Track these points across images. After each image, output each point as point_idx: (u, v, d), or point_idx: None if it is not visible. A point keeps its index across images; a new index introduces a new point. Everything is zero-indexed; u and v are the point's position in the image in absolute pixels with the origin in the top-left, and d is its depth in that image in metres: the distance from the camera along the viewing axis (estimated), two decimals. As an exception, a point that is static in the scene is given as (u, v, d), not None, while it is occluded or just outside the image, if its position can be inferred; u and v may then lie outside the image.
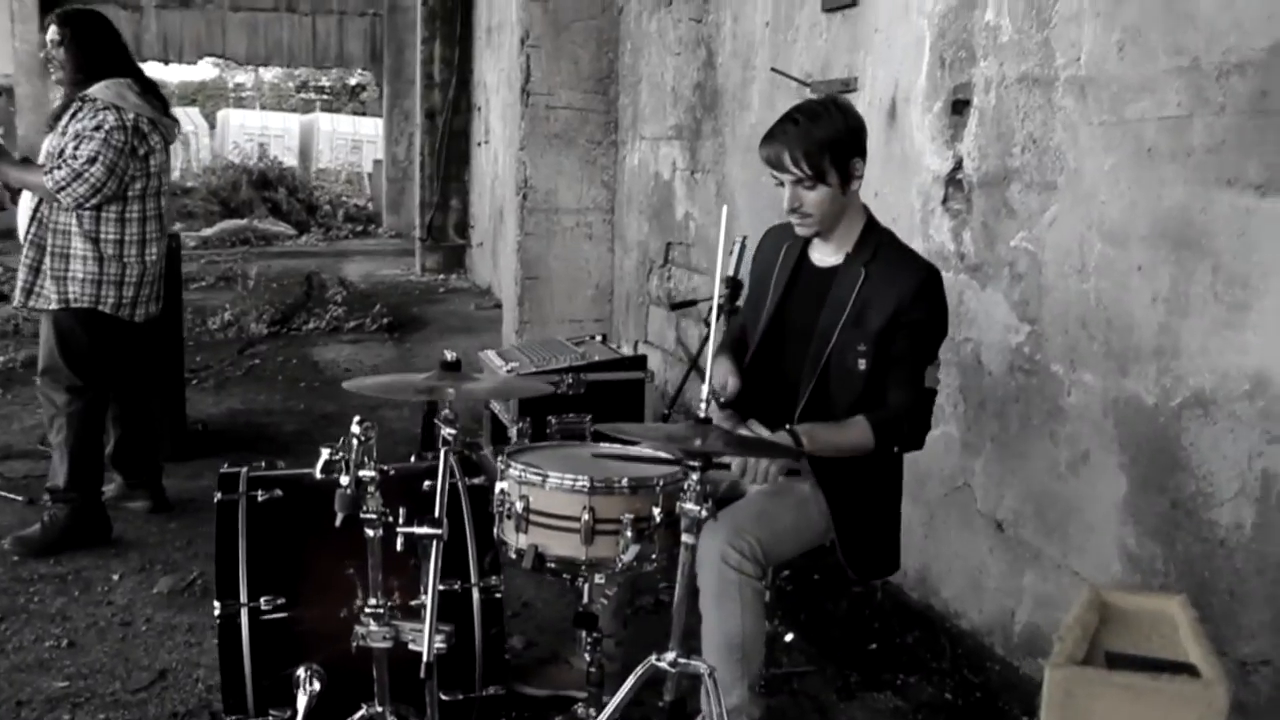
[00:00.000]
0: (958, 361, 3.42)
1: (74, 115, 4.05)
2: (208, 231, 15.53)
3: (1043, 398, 3.06)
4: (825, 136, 2.46)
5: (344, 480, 2.19)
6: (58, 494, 4.15)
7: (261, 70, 33.04)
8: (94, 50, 4.12)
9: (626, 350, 4.99)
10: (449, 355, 2.38)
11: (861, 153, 2.53)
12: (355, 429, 2.20)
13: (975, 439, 3.37)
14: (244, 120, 27.09)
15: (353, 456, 2.18)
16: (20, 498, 4.65)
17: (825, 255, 2.65)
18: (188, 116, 24.79)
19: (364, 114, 28.02)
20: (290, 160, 22.22)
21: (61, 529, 4.13)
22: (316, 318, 8.93)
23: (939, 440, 3.34)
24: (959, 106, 3.45)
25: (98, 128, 3.98)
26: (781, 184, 2.53)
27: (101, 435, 4.31)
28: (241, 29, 19.10)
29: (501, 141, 10.21)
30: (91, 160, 3.95)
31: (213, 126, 27.75)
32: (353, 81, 31.87)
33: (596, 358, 4.29)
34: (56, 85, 4.27)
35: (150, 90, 4.21)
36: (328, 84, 33.65)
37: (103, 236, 4.06)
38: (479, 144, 11.87)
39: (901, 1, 3.75)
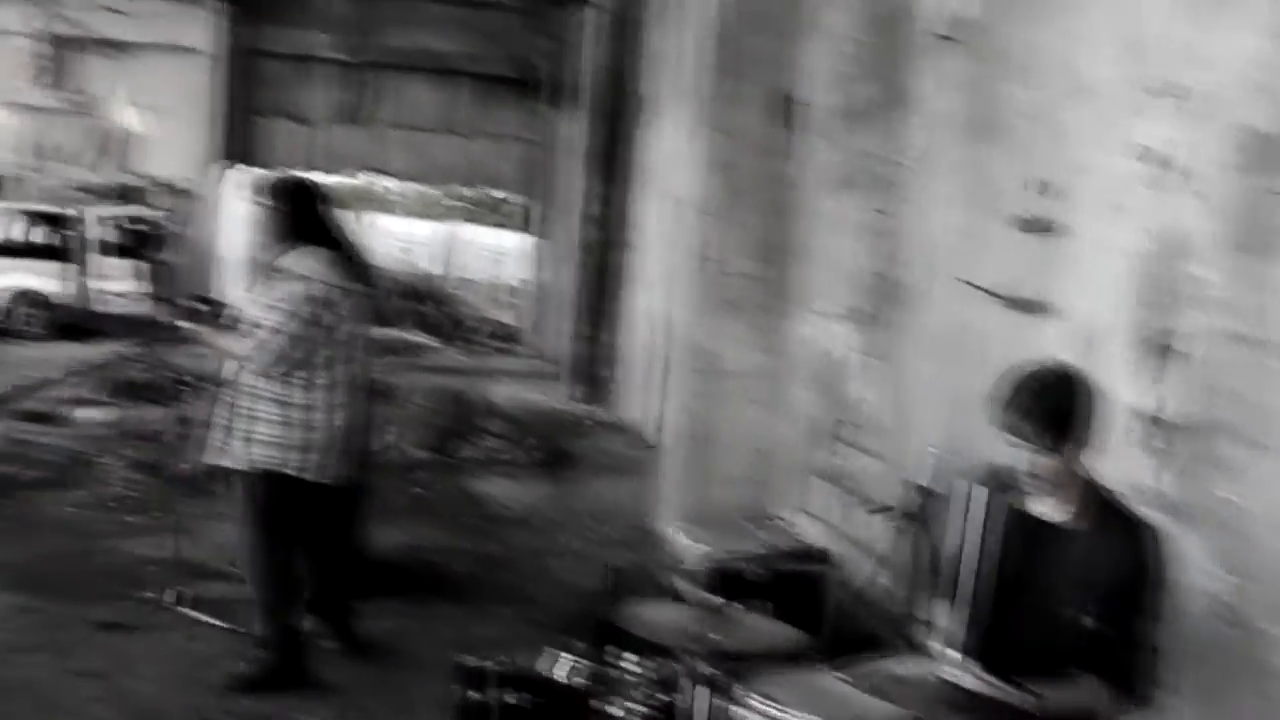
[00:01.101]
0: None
1: (268, 283, 4.38)
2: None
3: (1248, 653, 3.11)
4: (1068, 410, 2.61)
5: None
6: (258, 640, 4.44)
7: (409, 175, 34.38)
8: (296, 221, 4.42)
9: (787, 516, 5.13)
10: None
11: (1097, 421, 2.67)
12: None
13: (1174, 680, 3.41)
14: (391, 226, 28.24)
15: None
16: (221, 623, 4.97)
17: (1047, 509, 2.79)
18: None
19: (505, 227, 29.00)
20: (431, 266, 23.08)
21: (267, 671, 4.41)
22: (471, 445, 9.27)
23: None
24: (1162, 349, 3.58)
25: (287, 298, 4.28)
26: (1015, 444, 2.68)
27: (295, 584, 4.59)
28: (402, 147, 20.10)
29: (658, 286, 10.57)
30: (277, 330, 4.24)
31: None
32: (496, 194, 33.07)
33: (780, 545, 4.47)
34: (263, 250, 4.53)
35: (348, 259, 4.51)
36: (471, 194, 34.93)
37: (290, 402, 4.32)
38: (632, 282, 12.28)
39: (1104, 237, 3.91)
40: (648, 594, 5.36)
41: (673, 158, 10.59)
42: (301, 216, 4.42)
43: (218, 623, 4.97)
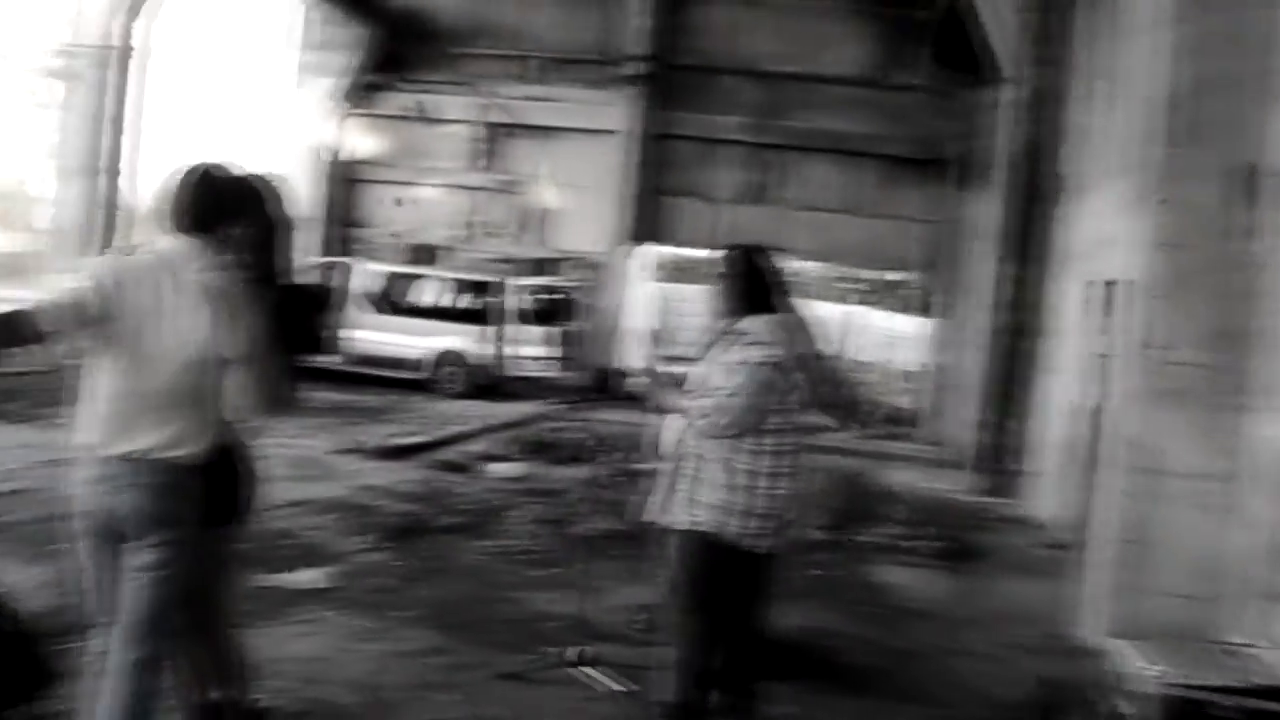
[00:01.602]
0: None
1: (728, 345, 4.28)
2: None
3: None
4: None
5: None
6: (666, 709, 4.27)
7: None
8: (752, 286, 4.32)
9: (1240, 642, 4.36)
10: None
11: None
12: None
13: None
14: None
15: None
16: (621, 686, 4.87)
17: None
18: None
19: (902, 310, 28.53)
20: (828, 347, 22.85)
21: (670, 743, 4.23)
22: (869, 530, 8.87)
23: None
24: None
25: (744, 362, 4.16)
26: None
27: (714, 657, 4.40)
28: (805, 227, 20.16)
29: (1077, 374, 9.78)
30: (734, 393, 4.11)
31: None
32: (892, 277, 32.72)
33: (1251, 678, 3.76)
34: (719, 315, 4.48)
35: (799, 328, 4.36)
36: (869, 276, 34.75)
37: (735, 466, 4.18)
38: (1046, 370, 11.48)
39: None
40: (1082, 715, 4.78)
41: (1098, 239, 9.82)
42: (756, 282, 4.34)
43: (618, 686, 4.87)
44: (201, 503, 3.26)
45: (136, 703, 3.15)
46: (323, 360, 17.05)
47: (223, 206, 3.28)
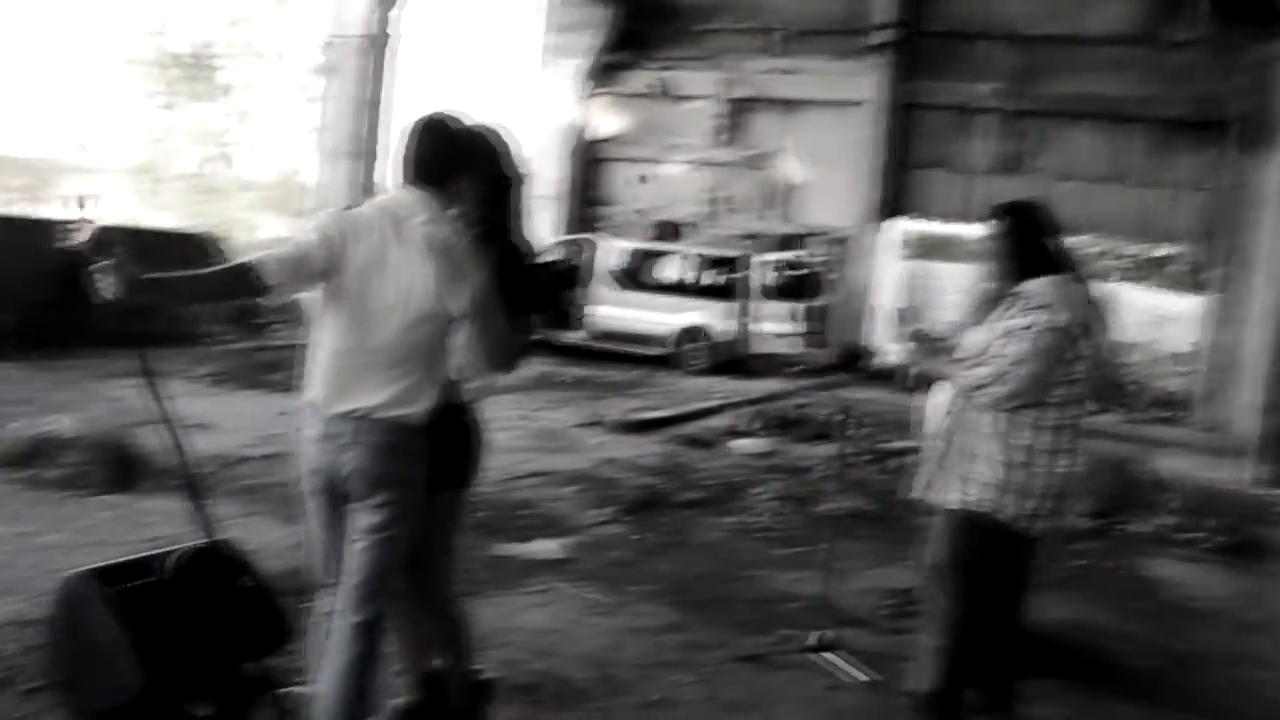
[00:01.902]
0: None
1: (1006, 310, 3.87)
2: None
3: None
4: None
5: None
6: (919, 700, 3.93)
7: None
8: (1033, 245, 3.91)
9: None
10: None
11: None
12: None
13: None
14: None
15: None
16: (866, 675, 4.55)
17: None
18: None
19: (1169, 287, 26.55)
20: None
21: (919, 741, 3.89)
22: (1138, 520, 8.14)
23: None
24: None
25: (1028, 327, 3.74)
26: None
27: (976, 648, 4.02)
28: (1065, 198, 18.93)
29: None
30: (1016, 361, 3.72)
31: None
32: (1159, 253, 30.54)
33: None
34: (995, 278, 4.07)
35: (1086, 292, 3.90)
36: (1133, 251, 32.63)
37: (1013, 442, 3.79)
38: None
39: None
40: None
41: None
42: (1037, 241, 3.91)
43: (863, 674, 4.55)
44: (427, 464, 3.15)
45: (358, 666, 3.08)
46: (568, 336, 17.33)
47: (451, 158, 3.15)
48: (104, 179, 24.76)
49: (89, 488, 6.49)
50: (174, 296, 3.12)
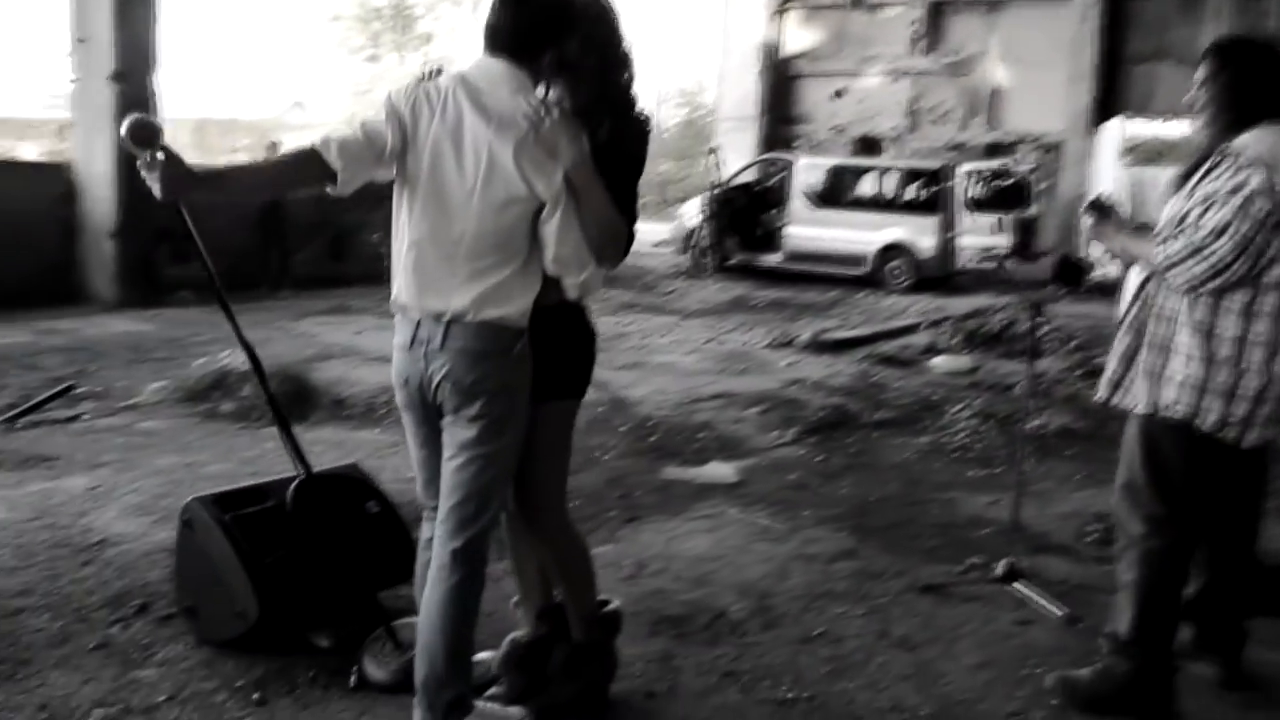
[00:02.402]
0: None
1: (1208, 172, 3.19)
2: None
3: None
4: None
5: None
6: (1117, 642, 3.37)
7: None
8: (1253, 89, 3.20)
9: None
10: None
11: None
12: None
13: None
14: None
15: None
16: (1059, 610, 4.00)
17: None
18: None
19: None
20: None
21: (1116, 685, 3.33)
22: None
23: None
24: None
25: (1235, 190, 3.04)
26: None
27: (1184, 581, 3.43)
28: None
29: None
30: (1218, 232, 3.03)
31: None
32: None
33: None
34: (1201, 136, 3.39)
35: None
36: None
37: (1217, 332, 3.14)
38: None
39: None
40: None
41: None
42: (1258, 85, 3.18)
43: (1055, 609, 4.01)
44: (528, 371, 2.80)
45: (457, 596, 2.78)
46: (764, 259, 16.83)
47: (547, 22, 2.75)
48: (318, 134, 25.51)
49: (261, 420, 6.50)
50: (229, 190, 2.86)
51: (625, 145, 2.84)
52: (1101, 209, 3.49)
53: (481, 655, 3.27)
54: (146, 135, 2.55)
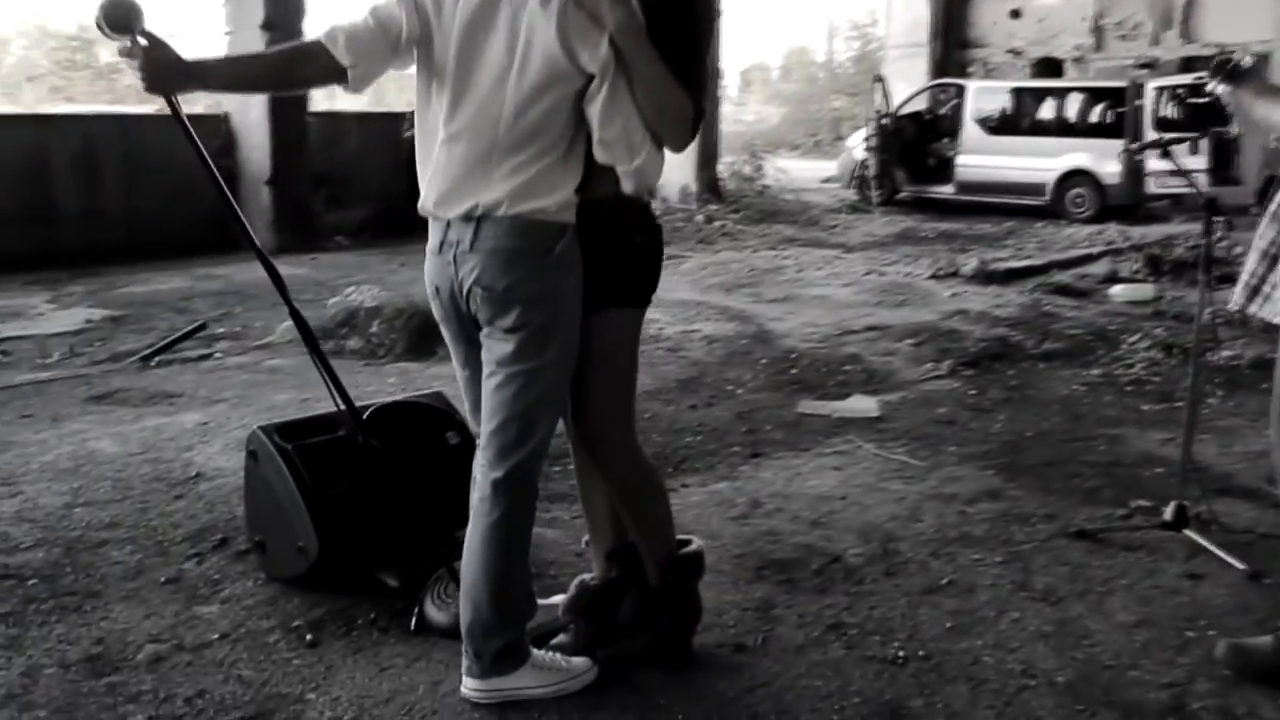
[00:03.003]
0: None
1: None
2: None
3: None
4: None
5: None
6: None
7: None
8: None
9: None
10: None
11: None
12: None
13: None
14: None
15: None
16: (1236, 562, 3.42)
17: None
18: None
19: None
20: None
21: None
22: None
23: None
24: None
25: None
26: None
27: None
28: None
29: None
30: None
31: None
32: None
33: None
34: None
35: None
36: None
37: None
38: None
39: None
40: None
41: None
42: None
43: (1231, 560, 3.43)
44: (577, 275, 2.43)
45: (501, 533, 2.46)
46: (935, 191, 15.97)
47: None
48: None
49: (386, 356, 6.36)
50: (221, 84, 2.58)
51: (686, 2, 2.40)
52: (1235, 71, 2.89)
53: (553, 599, 2.96)
54: (122, 18, 2.27)
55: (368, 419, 3.32)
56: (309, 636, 2.95)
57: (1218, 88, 2.94)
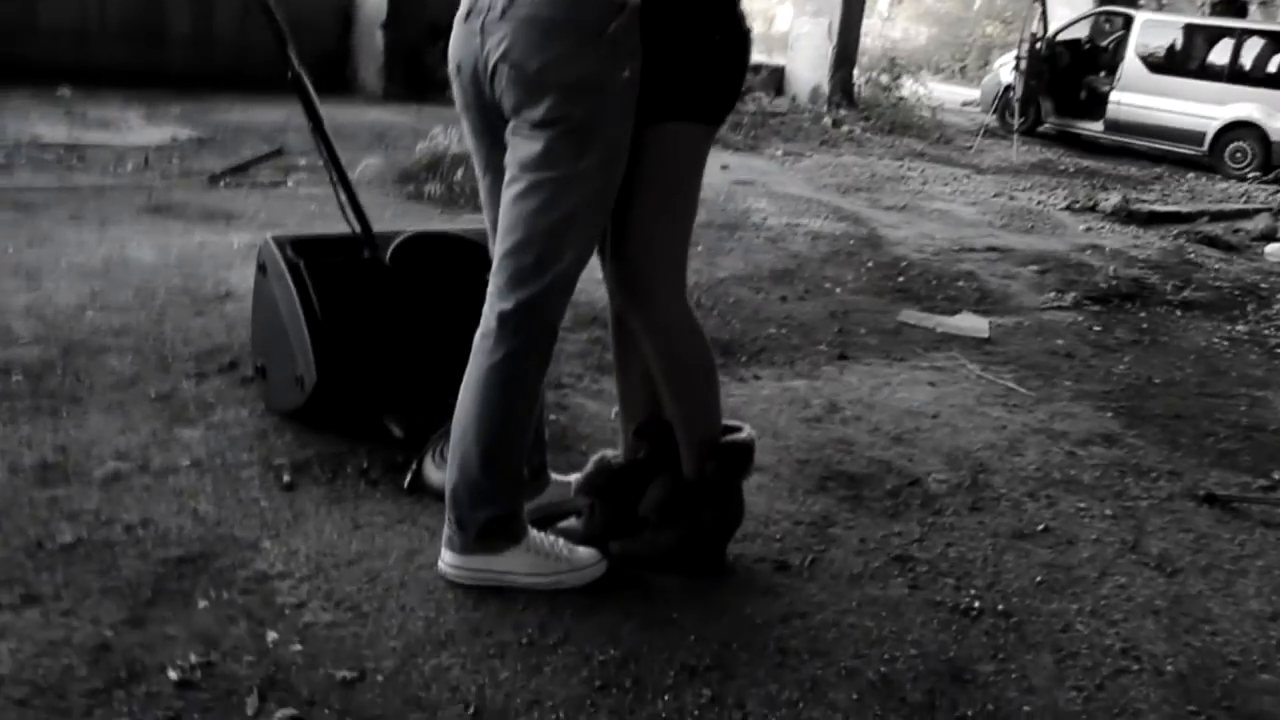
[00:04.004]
0: None
1: None
2: None
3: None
4: None
5: None
6: None
7: None
8: None
9: None
10: None
11: None
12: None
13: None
14: None
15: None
16: None
17: None
18: None
19: None
20: None
21: None
22: None
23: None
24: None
25: None
26: None
27: None
28: None
29: None
30: None
31: None
32: None
33: None
34: None
35: None
36: None
37: None
38: None
39: None
40: None
41: None
42: None
43: None
44: (632, 69, 1.91)
45: (507, 381, 1.99)
46: (1083, 126, 14.91)
47: None
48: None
49: (466, 205, 5.94)
50: None
51: None
52: None
53: (568, 477, 2.50)
54: None
55: (399, 246, 2.89)
56: (286, 478, 2.54)
57: None
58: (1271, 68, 14.24)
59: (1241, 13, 16.12)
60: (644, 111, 1.96)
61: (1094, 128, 14.86)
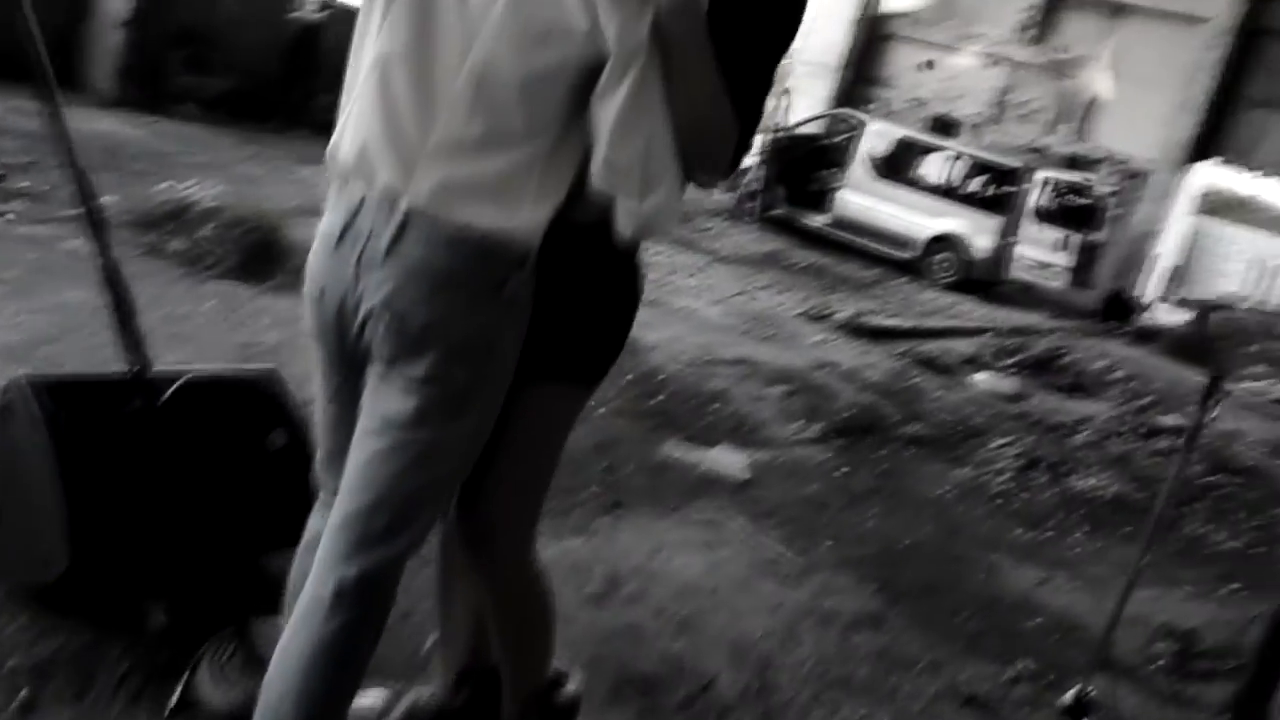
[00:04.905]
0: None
1: None
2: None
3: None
4: None
5: None
6: None
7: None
8: None
9: None
10: None
11: None
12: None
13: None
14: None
15: None
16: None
17: None
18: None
19: None
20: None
21: None
22: None
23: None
24: None
25: None
26: None
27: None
28: None
29: None
30: None
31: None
32: None
33: None
34: None
35: None
36: None
37: None
38: None
39: None
40: None
41: None
42: None
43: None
44: (520, 325, 1.74)
45: (342, 652, 1.76)
46: (810, 219, 15.65)
47: None
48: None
49: (211, 269, 5.47)
50: None
51: None
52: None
53: (367, 698, 2.26)
54: None
55: (174, 393, 2.56)
56: (24, 693, 2.16)
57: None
58: (976, 188, 15.47)
59: (951, 132, 17.43)
60: (524, 369, 1.78)
61: (820, 220, 15.62)
